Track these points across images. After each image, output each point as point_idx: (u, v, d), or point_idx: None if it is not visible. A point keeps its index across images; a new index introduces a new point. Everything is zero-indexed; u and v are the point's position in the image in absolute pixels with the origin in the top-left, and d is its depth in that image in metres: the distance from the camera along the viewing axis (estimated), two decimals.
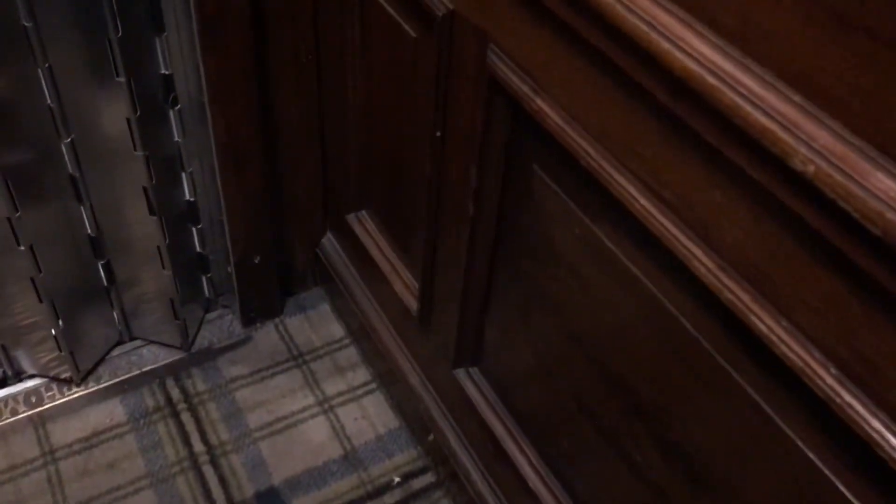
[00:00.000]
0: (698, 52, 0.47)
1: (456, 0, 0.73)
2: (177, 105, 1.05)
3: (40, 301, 1.10)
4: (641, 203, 0.57)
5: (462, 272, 0.88)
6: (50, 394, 1.19)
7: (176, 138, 1.09)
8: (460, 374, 0.99)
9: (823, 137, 0.41)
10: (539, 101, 0.65)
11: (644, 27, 0.50)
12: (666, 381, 0.65)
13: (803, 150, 0.41)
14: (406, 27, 0.84)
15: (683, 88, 0.48)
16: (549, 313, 0.77)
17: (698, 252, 0.54)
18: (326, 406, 1.20)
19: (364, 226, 1.17)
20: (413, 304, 1.05)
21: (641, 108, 0.54)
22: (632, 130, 0.56)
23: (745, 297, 0.51)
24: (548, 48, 0.62)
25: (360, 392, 1.23)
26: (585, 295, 0.70)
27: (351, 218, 1.18)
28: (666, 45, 0.48)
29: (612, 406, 0.73)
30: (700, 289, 0.55)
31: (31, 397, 1.18)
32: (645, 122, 0.55)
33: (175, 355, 1.25)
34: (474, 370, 0.98)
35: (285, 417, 1.19)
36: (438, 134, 0.83)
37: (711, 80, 0.46)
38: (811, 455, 0.52)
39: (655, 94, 0.52)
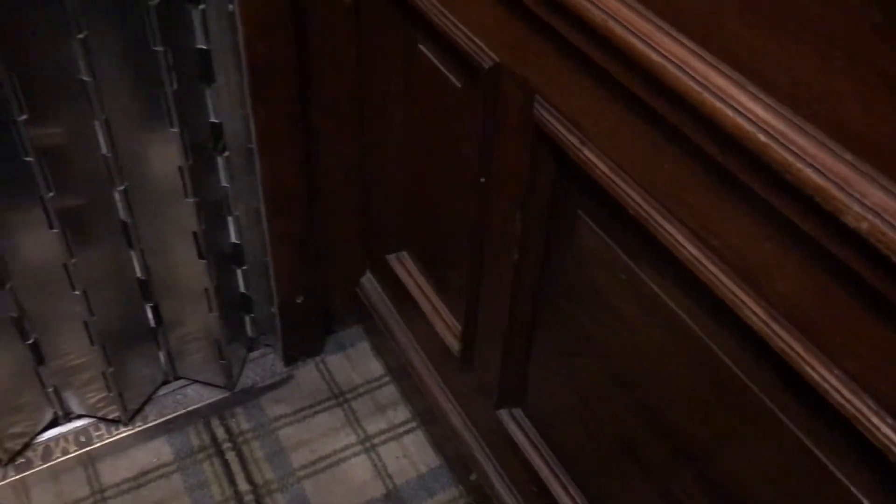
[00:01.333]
0: (750, 111, 0.49)
1: (501, 53, 0.76)
2: (225, 152, 1.08)
3: (92, 344, 1.13)
4: (690, 251, 0.59)
5: (505, 314, 0.90)
6: (98, 433, 1.21)
7: (223, 183, 1.12)
8: (503, 414, 1.00)
9: (876, 195, 0.42)
10: (586, 151, 0.67)
11: (697, 87, 0.52)
12: (712, 424, 0.66)
13: (856, 207, 0.43)
14: (451, 78, 0.87)
15: (735, 145, 0.50)
16: (594, 356, 0.78)
17: (748, 300, 0.55)
18: (368, 445, 1.22)
19: (404, 266, 1.19)
20: (455, 345, 1.07)
21: (691, 161, 0.56)
22: (680, 181, 0.58)
23: (797, 346, 0.52)
24: (595, 100, 0.64)
25: (401, 430, 1.24)
26: (631, 338, 0.72)
27: (391, 258, 1.21)
28: (718, 105, 0.50)
29: (657, 447, 0.74)
30: (749, 335, 0.56)
31: (80, 437, 1.21)
32: (694, 173, 0.56)
33: (219, 394, 1.27)
34: (517, 411, 0.99)
35: (328, 456, 1.20)
36: (483, 180, 0.85)
37: (763, 138, 0.48)
38: (865, 501, 0.52)
39: (706, 149, 0.54)
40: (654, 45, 0.56)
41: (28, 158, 0.93)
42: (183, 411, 1.25)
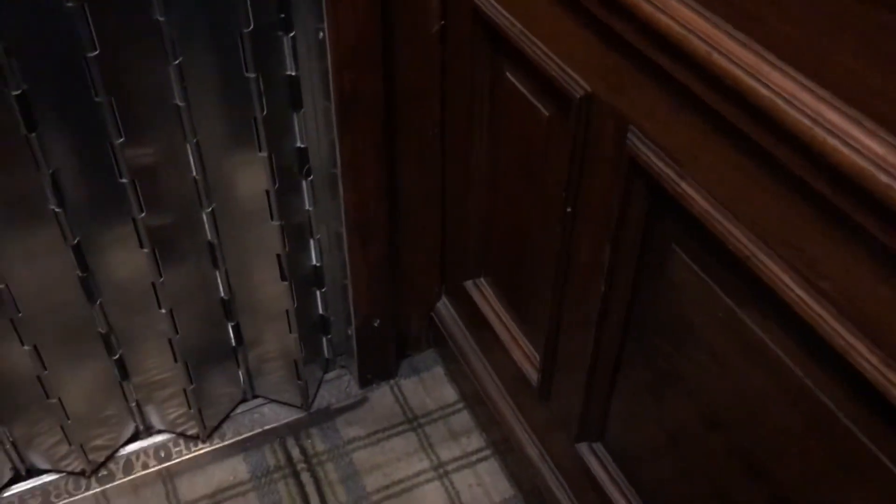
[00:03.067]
0: (867, 148, 0.47)
1: (593, 82, 0.75)
2: (310, 176, 1.09)
3: (175, 360, 1.15)
4: (796, 293, 0.57)
5: (589, 346, 0.88)
6: (178, 449, 1.23)
7: (307, 207, 1.13)
8: (583, 448, 0.98)
9: None
10: (684, 185, 0.65)
11: (808, 122, 0.50)
12: (811, 470, 0.63)
13: None
14: (539, 106, 0.86)
15: (849, 183, 0.48)
16: (685, 394, 0.76)
17: (861, 347, 0.52)
18: (441, 471, 1.21)
19: (482, 293, 1.18)
20: (533, 375, 1.05)
21: (799, 199, 0.54)
22: (787, 220, 0.56)
23: None
24: (695, 133, 0.63)
25: (474, 458, 1.23)
26: (726, 378, 0.69)
27: (469, 284, 1.20)
28: (831, 141, 0.48)
29: (751, 492, 0.71)
30: (860, 382, 0.53)
31: (160, 452, 1.23)
32: (802, 212, 0.54)
33: (295, 414, 1.28)
34: (598, 445, 0.97)
35: (401, 481, 1.20)
36: (569, 210, 0.84)
37: (883, 178, 0.46)
38: None
39: (816, 187, 0.52)
40: (762, 79, 0.54)
41: (123, 180, 0.96)
42: (259, 430, 1.26)
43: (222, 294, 1.15)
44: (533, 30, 0.82)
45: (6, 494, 1.18)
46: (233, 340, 1.22)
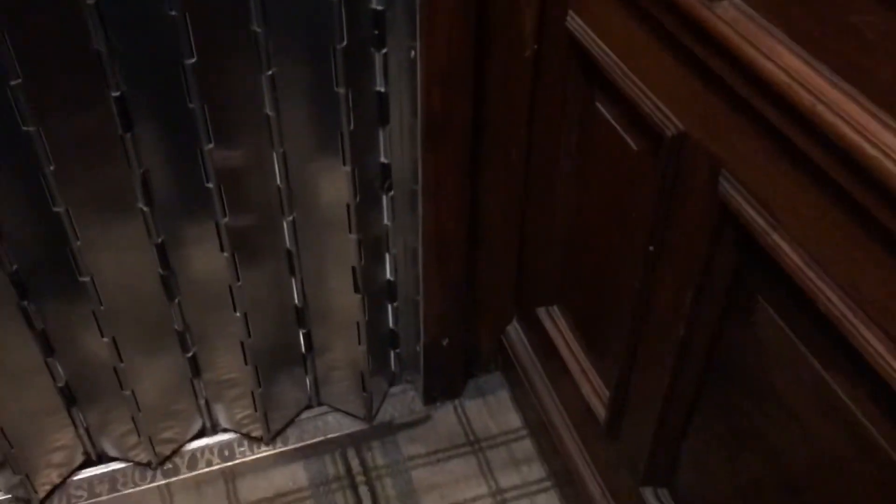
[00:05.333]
0: None
1: (688, 122, 0.72)
2: (390, 191, 1.09)
3: (246, 363, 1.17)
4: (891, 364, 0.53)
5: (662, 390, 0.85)
6: (241, 449, 1.25)
7: (385, 221, 1.13)
8: (647, 492, 0.95)
9: None
10: (776, 237, 0.62)
11: None
12: None
13: None
14: (628, 140, 0.84)
15: None
16: (762, 455, 0.72)
17: None
18: (500, 498, 1.19)
19: (555, 321, 1.16)
20: (601, 412, 1.03)
21: None
22: (888, 287, 0.53)
23: None
24: (792, 185, 0.60)
25: (534, 488, 1.20)
26: (808, 445, 0.66)
27: (541, 311, 1.18)
28: None
29: None
30: None
31: (224, 451, 1.25)
32: None
33: (358, 426, 1.28)
34: (663, 491, 0.94)
35: None
36: (651, 249, 0.82)
37: None
38: None
39: None
40: (870, 136, 0.51)
41: (209, 184, 0.98)
42: (322, 438, 1.27)
43: (296, 301, 1.17)
44: (628, 62, 0.80)
45: (77, 478, 1.21)
46: (303, 347, 1.23)
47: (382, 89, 0.99)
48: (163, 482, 1.21)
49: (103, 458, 1.24)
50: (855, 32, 0.51)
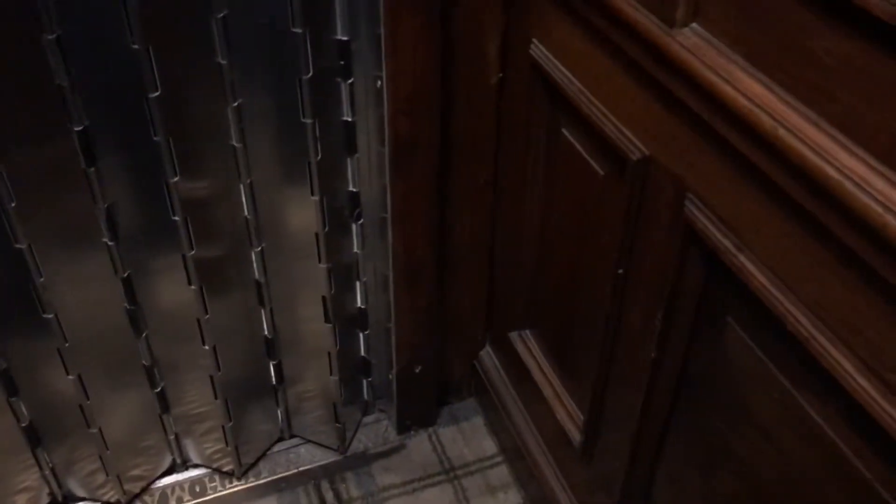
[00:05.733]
0: None
1: (652, 146, 0.73)
2: (360, 219, 1.09)
3: (216, 397, 1.15)
4: (859, 382, 0.54)
5: (636, 412, 0.85)
6: (213, 485, 1.23)
7: (355, 249, 1.13)
8: None
9: None
10: (742, 258, 0.63)
11: (879, 209, 0.47)
12: None
13: None
14: (594, 165, 0.85)
15: None
16: (736, 475, 0.73)
17: None
18: None
19: (527, 345, 1.16)
20: (576, 435, 1.03)
21: (866, 287, 0.52)
22: (853, 306, 0.53)
23: None
24: (757, 207, 0.61)
25: None
26: (781, 464, 0.66)
27: (514, 336, 1.18)
28: None
29: None
30: None
31: (195, 486, 1.23)
32: (870, 301, 0.52)
33: (331, 457, 1.27)
34: None
35: None
36: (621, 272, 0.82)
37: None
38: None
39: (886, 276, 0.49)
40: (831, 159, 0.52)
41: (175, 217, 0.97)
42: (295, 470, 1.25)
43: (266, 332, 1.15)
44: (591, 88, 0.81)
45: None
46: (273, 378, 1.22)
47: (349, 118, 0.99)
48: None
49: (70, 499, 1.21)
50: (813, 58, 0.52)
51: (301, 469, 1.25)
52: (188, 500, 1.21)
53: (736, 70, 0.59)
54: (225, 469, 1.24)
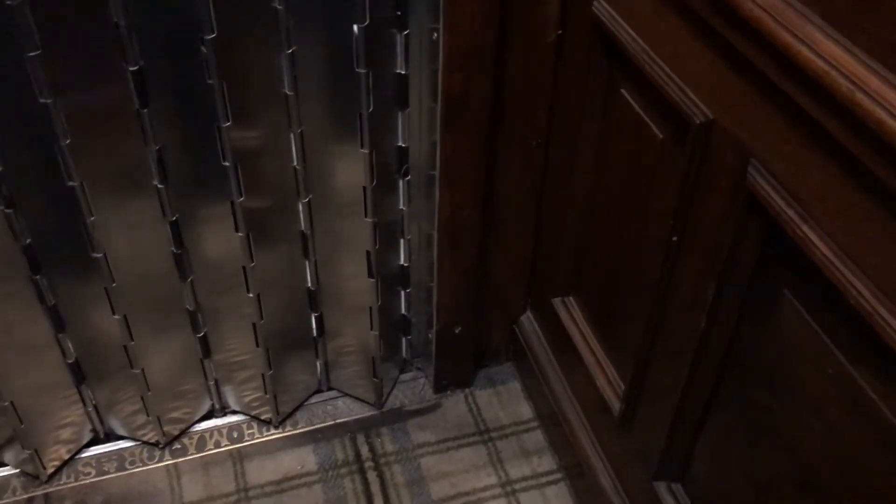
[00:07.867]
0: None
1: (716, 110, 0.71)
2: (407, 176, 1.08)
3: (257, 345, 1.16)
4: None
5: (680, 384, 0.83)
6: (250, 432, 1.25)
7: (401, 206, 1.12)
8: (661, 487, 0.94)
9: None
10: (805, 229, 0.61)
11: None
12: None
13: None
14: (654, 128, 0.83)
15: None
16: (780, 450, 0.71)
17: None
18: (509, 489, 1.18)
19: (570, 312, 1.15)
20: (615, 404, 1.01)
21: None
22: None
23: None
24: (826, 176, 0.58)
25: (544, 480, 1.19)
26: (830, 440, 0.64)
27: (556, 302, 1.17)
28: None
29: None
30: None
31: (233, 433, 1.24)
32: None
33: (367, 411, 1.28)
34: (677, 486, 0.92)
35: (467, 494, 1.17)
36: (675, 239, 0.80)
37: None
38: None
39: None
40: None
41: (225, 163, 0.97)
42: (332, 422, 1.26)
43: (309, 284, 1.16)
44: (655, 48, 0.78)
45: (84, 455, 1.21)
46: (314, 331, 1.22)
47: (403, 71, 0.97)
48: (170, 462, 1.21)
49: (111, 437, 1.23)
50: None
51: (338, 421, 1.26)
52: (226, 445, 1.23)
53: (811, 29, 0.57)
54: (263, 417, 1.26)
